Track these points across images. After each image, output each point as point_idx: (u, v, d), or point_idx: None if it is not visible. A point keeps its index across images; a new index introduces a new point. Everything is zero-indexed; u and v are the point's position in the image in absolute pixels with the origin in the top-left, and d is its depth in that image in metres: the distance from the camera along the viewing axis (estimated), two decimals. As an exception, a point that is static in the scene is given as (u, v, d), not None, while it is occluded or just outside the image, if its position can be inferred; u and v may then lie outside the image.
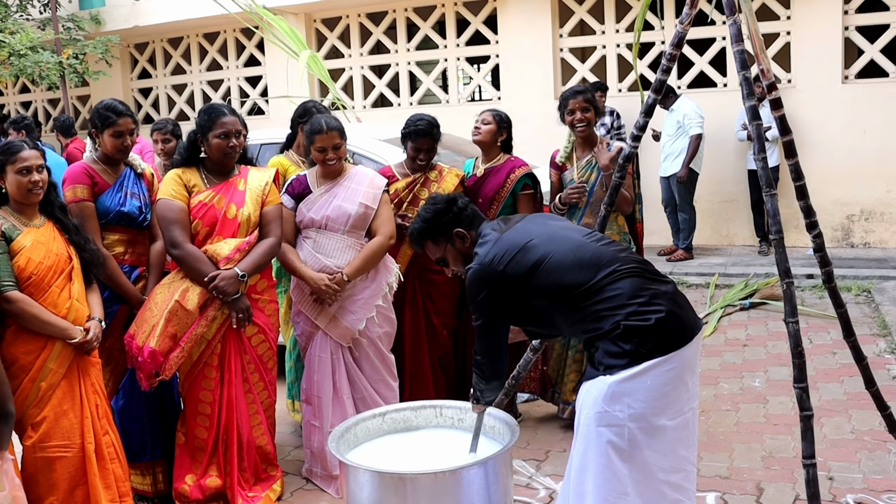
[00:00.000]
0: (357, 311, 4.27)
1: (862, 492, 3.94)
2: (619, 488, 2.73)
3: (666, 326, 2.73)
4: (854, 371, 4.97)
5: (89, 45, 11.67)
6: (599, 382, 2.75)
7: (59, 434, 3.43)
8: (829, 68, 9.00)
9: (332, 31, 11.44)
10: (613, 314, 2.74)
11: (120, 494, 3.61)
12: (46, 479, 3.42)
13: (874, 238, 9.14)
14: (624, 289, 2.77)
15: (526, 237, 2.91)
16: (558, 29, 10.28)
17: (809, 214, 3.49)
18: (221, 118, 3.96)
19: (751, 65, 3.43)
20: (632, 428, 2.71)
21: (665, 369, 2.71)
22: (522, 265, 2.85)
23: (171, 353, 3.83)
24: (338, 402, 4.26)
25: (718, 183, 9.53)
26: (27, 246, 3.41)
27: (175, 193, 3.94)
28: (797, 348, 3.32)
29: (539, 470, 4.38)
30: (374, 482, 2.89)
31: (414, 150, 4.72)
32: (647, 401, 2.71)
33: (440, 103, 11.14)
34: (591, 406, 2.77)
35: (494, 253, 2.89)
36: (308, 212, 4.26)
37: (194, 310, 3.85)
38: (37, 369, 3.41)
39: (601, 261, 2.83)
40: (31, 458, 3.41)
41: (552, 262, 2.83)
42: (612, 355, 2.74)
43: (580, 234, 3.02)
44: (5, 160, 3.46)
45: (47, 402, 3.42)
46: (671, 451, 2.78)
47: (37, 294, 3.41)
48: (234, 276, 3.88)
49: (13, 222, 3.44)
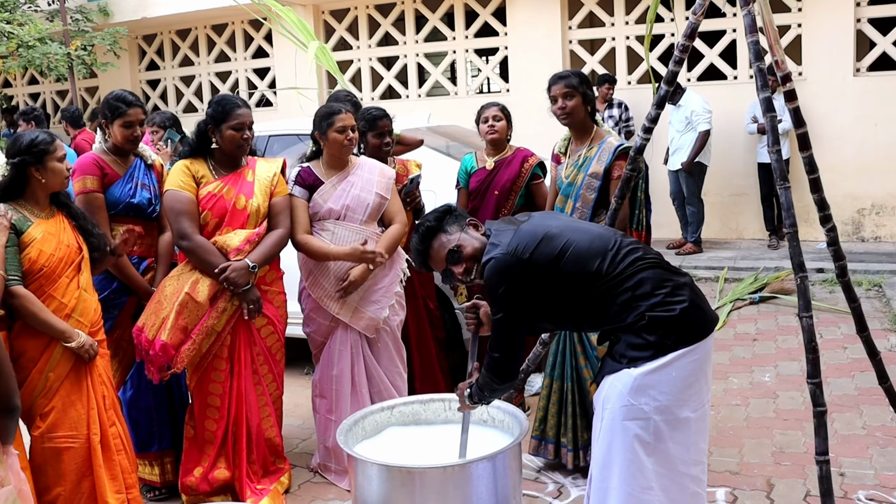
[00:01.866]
0: (379, 299, 4.27)
1: (874, 488, 3.91)
2: (644, 483, 2.71)
3: (690, 317, 2.70)
4: (865, 366, 4.95)
5: (97, 36, 11.67)
6: (624, 375, 2.70)
7: (67, 424, 3.43)
8: (841, 61, 8.93)
9: (341, 23, 11.41)
10: (637, 305, 2.70)
11: (126, 486, 3.60)
12: (54, 470, 3.42)
13: (885, 232, 9.08)
14: (647, 279, 2.73)
15: (545, 227, 2.83)
16: (567, 21, 10.23)
17: (823, 207, 3.45)
18: (236, 110, 3.94)
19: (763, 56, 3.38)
20: (657, 421, 2.68)
21: (689, 360, 2.69)
22: (548, 252, 2.75)
23: (183, 345, 3.82)
24: (355, 396, 4.24)
25: (728, 176, 9.48)
26: (38, 238, 3.40)
27: (183, 184, 3.92)
28: (811, 343, 3.27)
29: (547, 464, 4.36)
30: (382, 476, 2.87)
31: (377, 136, 4.60)
32: (671, 392, 2.68)
33: (448, 95, 11.10)
34: (616, 400, 2.71)
35: (517, 242, 2.77)
36: (326, 202, 4.21)
37: (205, 302, 3.84)
38: (45, 360, 3.40)
39: (621, 251, 2.78)
40: (39, 449, 3.41)
41: (576, 249, 2.76)
42: (636, 347, 2.70)
43: (596, 226, 2.99)
44: (46, 150, 3.44)
45: (55, 392, 3.41)
46: (693, 444, 2.76)
47: (47, 285, 3.40)
48: (245, 268, 3.86)
49: (24, 214, 3.43)
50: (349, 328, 4.24)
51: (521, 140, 5.20)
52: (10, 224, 3.34)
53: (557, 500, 4.00)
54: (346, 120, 4.17)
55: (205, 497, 3.98)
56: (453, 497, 2.86)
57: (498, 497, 2.90)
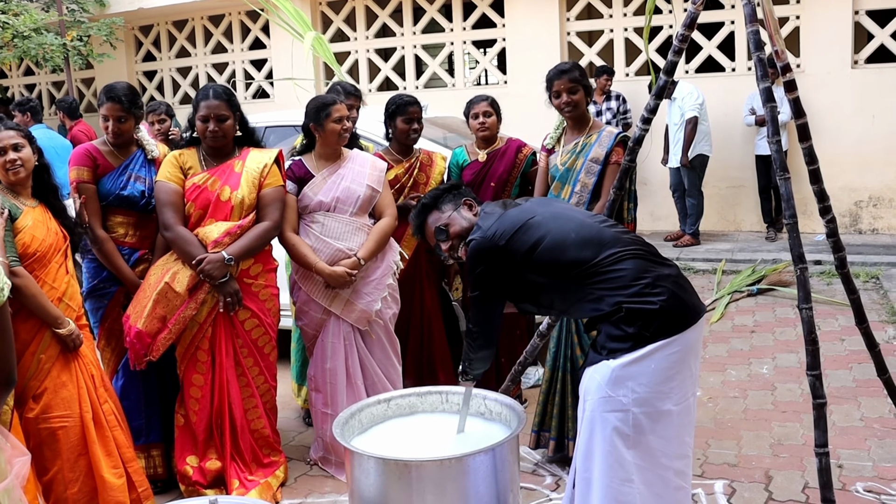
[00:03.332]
0: (371, 292, 4.25)
1: (872, 480, 3.91)
2: (624, 475, 2.71)
3: (669, 309, 2.69)
4: (862, 358, 4.95)
5: (93, 27, 11.60)
6: (603, 367, 2.72)
7: (60, 404, 3.46)
8: (839, 53, 8.92)
9: (338, 14, 11.37)
10: (615, 295, 2.71)
11: (125, 460, 3.64)
12: (51, 450, 3.45)
13: (882, 224, 9.08)
14: (627, 270, 2.73)
15: (529, 214, 2.91)
16: (565, 12, 10.20)
17: (823, 199, 3.43)
18: (203, 101, 3.93)
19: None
20: (636, 413, 2.68)
21: (668, 352, 2.68)
22: (524, 241, 2.84)
23: (160, 334, 3.83)
24: (351, 389, 4.23)
25: (726, 168, 9.47)
26: (29, 224, 3.42)
27: (170, 176, 3.93)
28: (810, 335, 3.26)
29: (545, 457, 4.35)
30: (379, 469, 2.85)
31: (406, 121, 4.70)
32: (650, 385, 2.67)
33: (446, 87, 11.07)
34: (595, 391, 2.74)
35: (496, 228, 2.89)
36: (316, 195, 4.20)
37: (183, 292, 3.83)
38: (36, 343, 3.43)
39: (604, 241, 2.80)
40: (34, 430, 3.44)
41: (553, 239, 2.82)
42: (615, 339, 2.71)
43: (583, 215, 3.01)
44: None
45: (46, 374, 3.45)
46: (676, 437, 2.75)
47: (39, 269, 3.42)
48: (221, 260, 3.84)
49: (13, 202, 3.44)
50: (341, 321, 4.23)
51: (519, 132, 5.19)
52: (7, 211, 3.35)
53: (555, 492, 3.99)
54: (342, 110, 4.18)
55: (200, 488, 3.98)
56: (450, 490, 2.84)
57: (495, 490, 2.89)
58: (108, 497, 3.53)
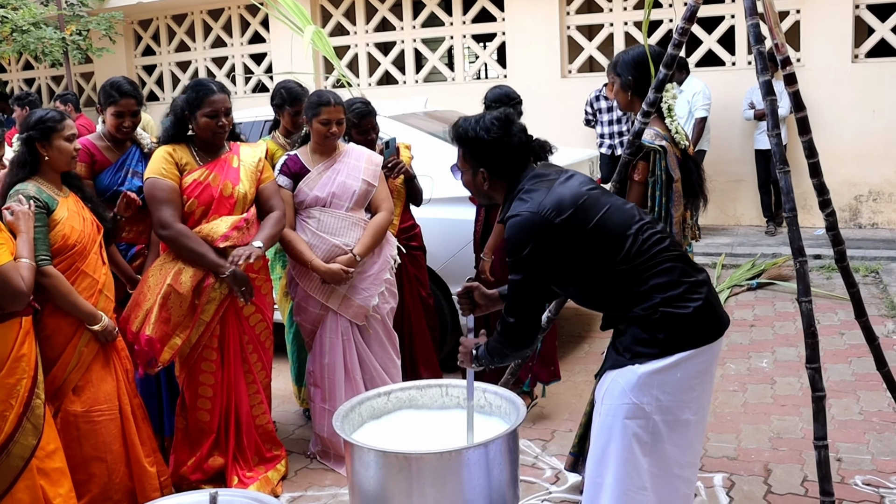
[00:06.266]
0: (368, 287, 4.25)
1: (870, 473, 3.92)
2: (639, 482, 2.64)
3: (702, 317, 2.60)
4: (862, 352, 4.96)
5: (93, 21, 11.58)
6: (628, 372, 2.61)
7: (103, 397, 3.54)
8: (839, 47, 8.89)
9: (338, 8, 11.35)
10: (653, 296, 2.58)
11: (153, 450, 3.77)
12: (90, 443, 3.52)
13: (882, 219, 9.07)
14: (666, 273, 2.61)
15: (580, 194, 2.66)
16: (565, 6, 10.18)
17: (823, 192, 3.43)
18: (210, 96, 3.83)
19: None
20: (657, 421, 2.60)
21: (696, 362, 2.60)
22: (579, 220, 2.60)
23: (168, 339, 3.80)
24: (349, 384, 4.23)
25: (725, 162, 9.45)
26: (66, 216, 3.43)
27: (165, 172, 3.82)
28: (810, 328, 3.26)
29: (545, 450, 4.36)
30: (379, 462, 2.86)
31: (361, 133, 4.58)
32: (675, 393, 2.59)
33: (446, 81, 11.05)
34: (617, 397, 2.63)
35: (550, 203, 2.61)
36: (311, 190, 4.19)
37: (188, 293, 3.78)
38: (78, 336, 3.47)
39: (650, 239, 2.64)
40: (72, 422, 3.49)
41: (607, 225, 2.63)
42: (643, 343, 2.59)
43: (626, 203, 2.79)
44: (53, 128, 3.45)
45: (88, 367, 3.51)
46: (689, 446, 2.71)
47: (80, 261, 3.45)
48: (257, 249, 3.80)
49: (49, 193, 3.45)
50: (339, 316, 4.23)
51: (519, 125, 5.18)
52: (44, 203, 3.36)
53: (555, 485, 4.00)
54: (332, 113, 4.13)
55: (197, 485, 3.96)
56: (450, 483, 2.84)
57: (495, 483, 2.89)
58: (146, 484, 3.65)
